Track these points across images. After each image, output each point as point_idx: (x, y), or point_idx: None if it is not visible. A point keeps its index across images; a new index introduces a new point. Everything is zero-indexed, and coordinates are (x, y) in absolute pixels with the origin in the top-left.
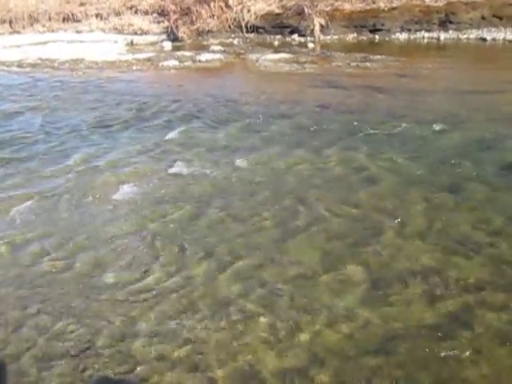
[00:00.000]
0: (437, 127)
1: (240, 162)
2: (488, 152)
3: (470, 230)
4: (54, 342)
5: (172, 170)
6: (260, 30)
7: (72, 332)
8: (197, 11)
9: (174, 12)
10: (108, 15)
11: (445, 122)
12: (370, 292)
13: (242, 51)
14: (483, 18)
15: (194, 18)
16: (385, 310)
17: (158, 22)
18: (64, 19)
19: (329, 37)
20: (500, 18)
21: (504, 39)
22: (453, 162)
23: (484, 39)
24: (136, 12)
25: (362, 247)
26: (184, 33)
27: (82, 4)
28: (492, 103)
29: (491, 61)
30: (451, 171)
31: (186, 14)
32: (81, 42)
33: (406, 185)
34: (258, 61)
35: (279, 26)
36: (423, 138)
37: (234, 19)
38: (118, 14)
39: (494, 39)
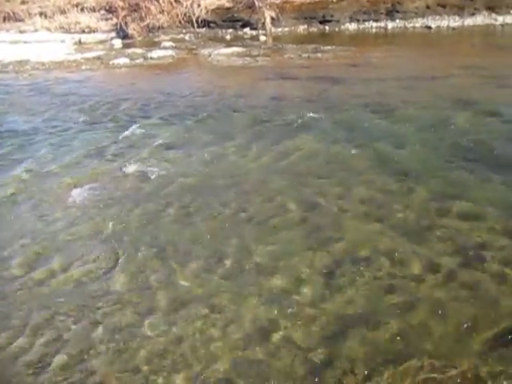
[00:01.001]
0: (387, 114)
1: (197, 158)
2: (434, 134)
3: (415, 212)
4: (10, 353)
5: (128, 170)
6: (211, 25)
7: (31, 342)
8: (146, 7)
9: (123, 8)
10: (53, 14)
11: (395, 107)
12: (327, 278)
13: (194, 46)
14: (428, 6)
15: (143, 14)
16: (339, 295)
17: (107, 20)
18: (5, 18)
19: (280, 29)
20: (443, 7)
21: (448, 26)
22: (401, 145)
23: (429, 27)
24: (82, 10)
25: (316, 235)
26: (134, 30)
27: (23, 2)
28: (437, 88)
29: (436, 47)
30: (398, 155)
31: (135, 10)
32: (25, 42)
33: (355, 171)
34: (210, 56)
35: (230, 19)
36: (369, 124)
37: (185, 14)
38: (63, 12)
39: (438, 27)
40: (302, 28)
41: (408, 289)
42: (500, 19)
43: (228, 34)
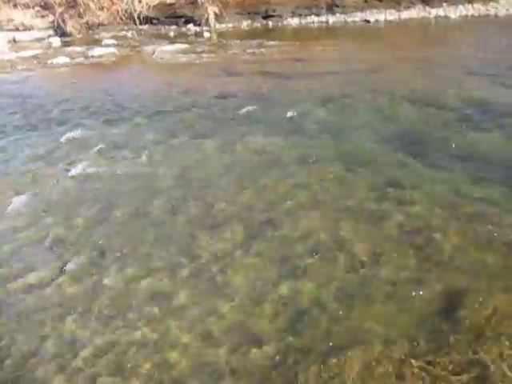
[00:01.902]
0: (332, 107)
1: (142, 158)
2: (377, 125)
3: (361, 200)
4: None
5: (71, 173)
6: (154, 21)
7: None
8: (84, 3)
9: (59, 5)
10: None
11: (339, 101)
12: (282, 266)
13: (137, 44)
14: (366, 1)
15: (81, 11)
16: (296, 284)
17: (43, 17)
18: None
19: (224, 25)
20: (380, 1)
21: (385, 20)
22: (346, 137)
23: (368, 21)
24: (15, 6)
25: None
26: (72, 27)
27: None
28: (379, 80)
29: (376, 41)
30: (342, 147)
31: (73, 6)
32: None
33: (301, 164)
34: (154, 53)
35: (173, 16)
36: (314, 118)
37: (126, 11)
38: None
39: (376, 20)
40: (245, 24)
41: (353, 268)
42: (433, 12)
43: (171, 31)
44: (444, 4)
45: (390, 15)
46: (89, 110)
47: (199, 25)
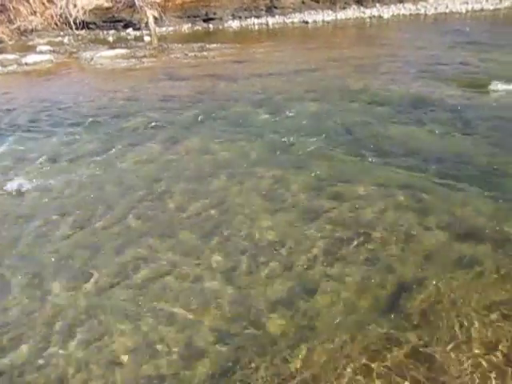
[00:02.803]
0: (274, 107)
1: (84, 168)
2: (319, 123)
3: (304, 195)
4: None
5: (8, 187)
6: (91, 26)
7: None
8: (14, 8)
9: None
10: None
11: (281, 100)
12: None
13: (74, 50)
14: (303, 2)
15: (11, 16)
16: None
17: None
18: None
19: (164, 28)
20: (317, 2)
21: (323, 20)
22: (289, 136)
23: (306, 22)
24: None
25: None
26: (2, 33)
27: None
28: (318, 79)
29: (314, 41)
30: (286, 145)
31: (1, 11)
32: None
33: (247, 164)
34: (92, 59)
35: (111, 20)
36: (257, 118)
37: (61, 15)
38: None
39: (314, 21)
40: (186, 27)
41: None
42: (368, 12)
43: (110, 36)
44: (377, 4)
45: (327, 16)
46: (24, 120)
47: (139, 29)
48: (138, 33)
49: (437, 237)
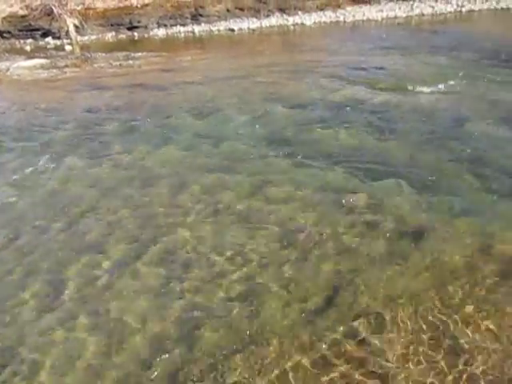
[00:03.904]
0: (205, 114)
1: (4, 188)
2: (251, 128)
3: (241, 200)
4: None
5: None
6: (5, 35)
7: None
8: None
9: None
10: None
11: (212, 108)
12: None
13: None
14: (228, 10)
15: None
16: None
17: None
18: None
19: (86, 37)
20: (242, 10)
21: (248, 28)
22: (223, 142)
23: (232, 29)
24: None
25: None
26: None
27: None
28: (247, 86)
29: (241, 48)
30: (221, 151)
31: None
32: None
33: (186, 171)
34: (9, 70)
35: (28, 28)
36: (189, 126)
37: None
38: None
39: (240, 29)
40: (110, 35)
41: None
42: (291, 20)
43: (28, 45)
44: (299, 12)
45: (252, 23)
46: None
47: (59, 38)
48: (58, 42)
49: (362, 234)
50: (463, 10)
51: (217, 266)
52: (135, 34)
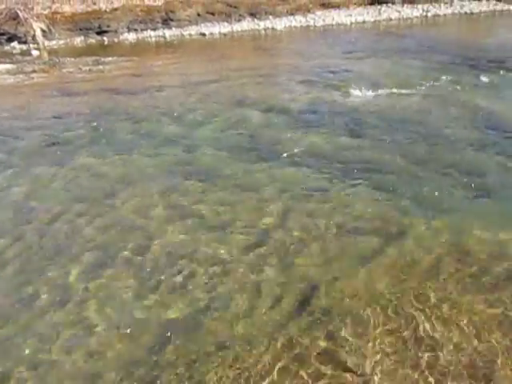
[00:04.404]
0: (177, 119)
1: None
2: (220, 133)
3: (209, 206)
4: None
5: None
6: None
7: None
8: None
9: None
10: None
11: (183, 113)
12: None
13: None
14: (199, 14)
15: None
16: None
17: None
18: None
19: (54, 42)
20: (213, 14)
21: (219, 32)
22: (194, 147)
23: (203, 34)
24: None
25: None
26: None
27: None
28: (219, 90)
29: (213, 53)
30: (192, 157)
31: None
32: None
33: (154, 177)
34: None
35: None
36: (161, 131)
37: None
38: None
39: (211, 33)
40: (79, 40)
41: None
42: (262, 24)
43: None
44: (270, 17)
45: (224, 28)
46: None
47: (25, 42)
48: (24, 46)
49: (334, 234)
50: (429, 14)
51: (184, 271)
52: (105, 38)
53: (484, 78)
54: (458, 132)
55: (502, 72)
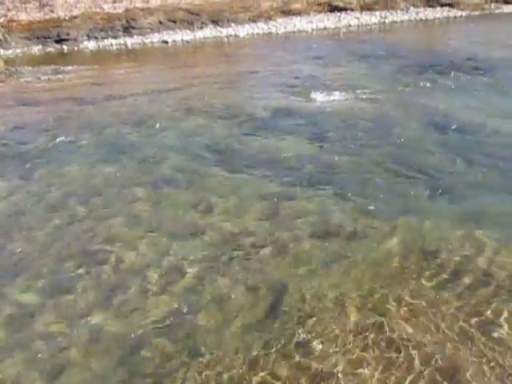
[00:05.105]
0: (142, 127)
1: None
2: (185, 140)
3: (192, 215)
4: None
5: None
6: None
7: None
8: None
9: None
10: None
11: (147, 120)
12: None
13: None
14: (161, 22)
15: None
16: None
17: None
18: None
19: (11, 51)
20: (174, 22)
21: (182, 40)
22: (161, 155)
23: (166, 41)
24: None
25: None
26: None
27: None
28: (182, 97)
29: (175, 60)
30: (159, 164)
31: None
32: None
33: (120, 186)
34: None
35: None
36: (126, 139)
37: None
38: None
39: (174, 41)
40: (36, 48)
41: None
42: (224, 31)
43: None
44: (232, 24)
45: (186, 35)
46: None
47: None
48: None
49: (303, 240)
50: (386, 21)
51: (154, 282)
52: (64, 46)
53: (439, 81)
54: (415, 133)
55: (454, 74)
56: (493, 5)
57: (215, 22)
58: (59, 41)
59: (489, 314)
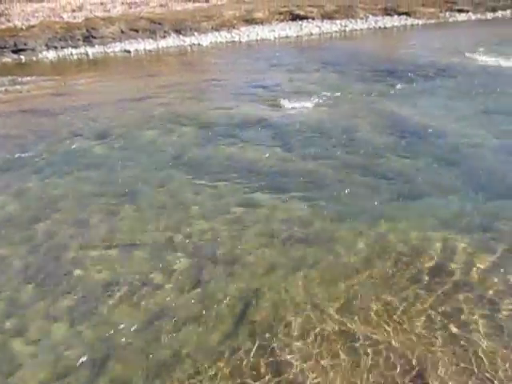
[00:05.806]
0: (104, 139)
1: None
2: (151, 149)
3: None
4: None
5: None
6: None
7: None
8: None
9: None
10: None
11: (108, 131)
12: None
13: None
14: (122, 31)
15: None
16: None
17: None
18: None
19: None
20: (136, 31)
21: (145, 49)
22: (123, 166)
23: (128, 51)
24: None
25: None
26: None
27: None
28: (147, 107)
29: (138, 70)
30: (121, 175)
31: None
32: None
33: (78, 202)
34: None
35: None
36: (87, 151)
37: None
38: None
39: (136, 50)
40: None
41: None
42: (188, 40)
43: None
44: (195, 33)
45: (149, 45)
46: None
47: None
48: None
49: (269, 245)
50: (347, 29)
51: (123, 294)
52: (22, 57)
53: (398, 86)
54: (378, 138)
55: (413, 80)
56: (447, 13)
57: (178, 31)
58: (16, 51)
59: (463, 318)
